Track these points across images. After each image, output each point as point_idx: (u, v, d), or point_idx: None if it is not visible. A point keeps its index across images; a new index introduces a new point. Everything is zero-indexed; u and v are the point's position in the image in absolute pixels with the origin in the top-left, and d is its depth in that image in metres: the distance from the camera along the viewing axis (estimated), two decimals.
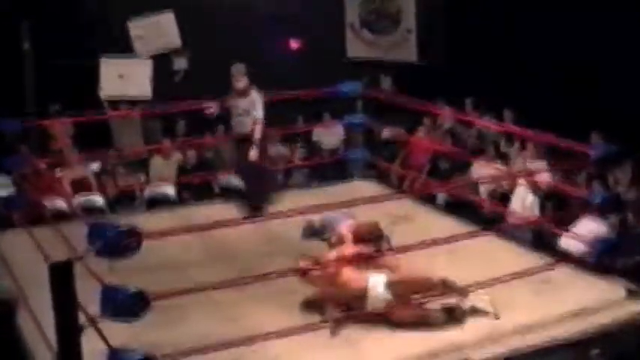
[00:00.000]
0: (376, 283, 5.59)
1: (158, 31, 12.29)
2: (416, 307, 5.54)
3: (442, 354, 5.10)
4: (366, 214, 6.71)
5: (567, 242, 7.69)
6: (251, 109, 7.71)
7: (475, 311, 5.58)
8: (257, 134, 7.65)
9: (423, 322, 5.45)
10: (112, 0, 12.10)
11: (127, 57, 11.97)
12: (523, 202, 8.59)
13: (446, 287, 5.60)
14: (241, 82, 7.72)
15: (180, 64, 12.73)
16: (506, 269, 5.80)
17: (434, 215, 8.00)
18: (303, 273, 5.67)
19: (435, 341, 5.25)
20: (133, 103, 11.71)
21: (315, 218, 7.03)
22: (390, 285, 5.57)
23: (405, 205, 7.79)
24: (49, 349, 5.01)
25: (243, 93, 7.73)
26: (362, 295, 5.56)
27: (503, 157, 10.31)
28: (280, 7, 12.99)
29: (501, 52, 12.00)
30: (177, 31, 12.28)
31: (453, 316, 5.53)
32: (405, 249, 6.44)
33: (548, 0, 11.66)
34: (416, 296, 5.62)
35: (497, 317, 5.56)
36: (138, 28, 12.18)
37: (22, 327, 5.61)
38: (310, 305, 5.76)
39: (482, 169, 9.40)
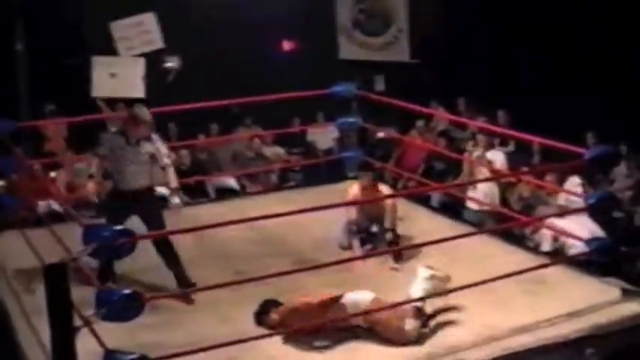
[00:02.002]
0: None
1: (140, 31, 12.29)
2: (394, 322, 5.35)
3: (436, 355, 5.10)
4: None
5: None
6: (157, 154, 6.28)
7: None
8: (175, 181, 6.34)
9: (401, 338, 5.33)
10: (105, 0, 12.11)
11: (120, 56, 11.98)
12: (483, 191, 8.95)
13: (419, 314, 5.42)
14: (146, 128, 6.26)
15: (173, 63, 12.73)
16: (501, 269, 5.80)
17: (428, 216, 8.00)
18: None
19: (430, 342, 5.25)
20: (128, 104, 11.69)
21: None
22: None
23: (399, 206, 7.77)
24: (43, 350, 5.00)
25: (148, 137, 6.30)
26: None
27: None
28: (273, 9, 12.99)
29: (495, 52, 12.04)
30: (160, 32, 12.28)
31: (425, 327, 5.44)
32: (401, 249, 6.49)
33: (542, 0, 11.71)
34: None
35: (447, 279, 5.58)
36: (120, 29, 12.18)
37: (16, 329, 5.59)
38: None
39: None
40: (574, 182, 8.81)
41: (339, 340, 5.32)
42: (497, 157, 9.59)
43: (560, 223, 7.61)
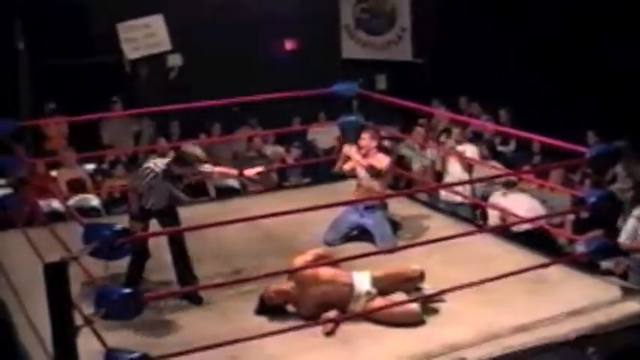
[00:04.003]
0: (361, 280, 5.64)
1: (148, 33, 12.29)
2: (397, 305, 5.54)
3: (437, 354, 5.10)
4: None
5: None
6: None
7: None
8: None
9: (405, 320, 5.47)
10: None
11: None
12: (456, 179, 9.47)
13: (423, 276, 5.73)
14: (192, 169, 6.15)
15: (175, 60, 12.73)
16: (501, 268, 5.80)
17: (429, 215, 8.00)
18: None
19: (431, 341, 5.25)
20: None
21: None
22: (375, 281, 5.64)
23: (401, 205, 7.79)
24: (44, 349, 5.01)
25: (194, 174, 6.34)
26: (348, 292, 5.59)
27: (498, 157, 10.40)
28: (275, 8, 13.00)
29: (497, 51, 12.03)
30: (167, 34, 12.27)
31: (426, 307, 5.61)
32: (400, 248, 6.49)
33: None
34: (399, 292, 5.68)
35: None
36: (127, 30, 12.18)
37: (17, 328, 5.60)
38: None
39: (456, 167, 9.61)
40: None
41: (339, 337, 5.33)
42: (468, 149, 9.91)
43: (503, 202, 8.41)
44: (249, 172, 6.44)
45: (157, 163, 6.04)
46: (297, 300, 5.64)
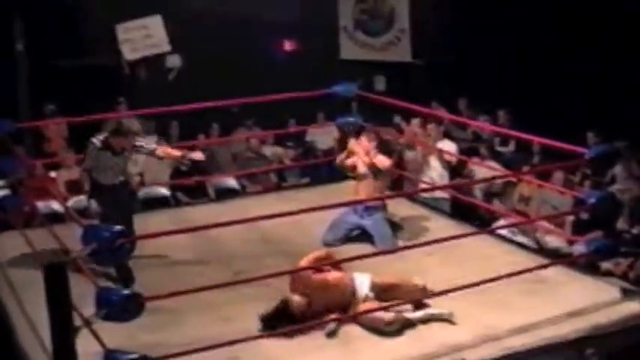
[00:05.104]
0: (362, 282, 5.63)
1: (146, 34, 12.28)
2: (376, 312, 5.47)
3: (437, 355, 5.10)
4: None
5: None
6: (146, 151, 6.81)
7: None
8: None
9: (375, 327, 5.41)
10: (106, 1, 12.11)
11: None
12: (437, 173, 9.55)
13: (425, 292, 5.65)
14: (129, 141, 6.59)
15: (174, 61, 12.72)
16: (500, 269, 5.80)
17: (428, 215, 8.00)
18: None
19: (430, 342, 5.25)
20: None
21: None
22: (374, 285, 5.62)
23: (399, 206, 7.79)
24: (44, 350, 5.00)
25: (131, 147, 6.67)
26: (350, 295, 5.59)
27: (497, 157, 10.41)
28: (274, 9, 13.00)
29: (496, 52, 12.03)
30: (166, 35, 12.27)
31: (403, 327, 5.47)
32: (400, 249, 6.49)
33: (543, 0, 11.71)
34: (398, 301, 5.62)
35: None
36: (125, 31, 12.18)
37: (16, 329, 5.59)
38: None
39: (437, 162, 9.70)
40: None
41: (339, 339, 5.33)
42: (446, 146, 10.01)
43: None
44: (196, 154, 7.10)
45: (97, 136, 6.50)
46: (307, 309, 5.58)
